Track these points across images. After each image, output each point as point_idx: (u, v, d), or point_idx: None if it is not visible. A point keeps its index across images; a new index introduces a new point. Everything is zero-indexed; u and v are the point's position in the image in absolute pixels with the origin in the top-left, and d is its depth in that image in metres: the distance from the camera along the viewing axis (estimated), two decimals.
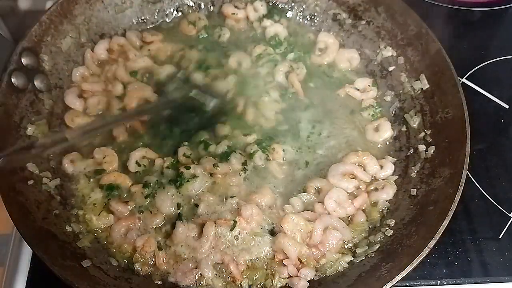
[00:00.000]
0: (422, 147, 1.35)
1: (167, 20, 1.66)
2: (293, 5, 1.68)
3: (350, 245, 1.25)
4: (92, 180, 1.31)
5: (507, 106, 1.63)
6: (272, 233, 1.25)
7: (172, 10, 1.66)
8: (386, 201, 1.31)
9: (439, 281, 1.29)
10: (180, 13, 1.67)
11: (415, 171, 1.33)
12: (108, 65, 1.51)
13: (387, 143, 1.44)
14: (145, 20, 1.63)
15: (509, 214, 1.41)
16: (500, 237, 1.37)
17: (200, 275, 1.18)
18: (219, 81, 1.50)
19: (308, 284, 1.17)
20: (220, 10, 1.67)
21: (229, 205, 1.27)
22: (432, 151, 1.33)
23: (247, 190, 1.31)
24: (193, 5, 1.68)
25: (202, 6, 1.69)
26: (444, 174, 1.24)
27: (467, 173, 1.18)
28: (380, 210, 1.30)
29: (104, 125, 1.37)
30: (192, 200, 1.28)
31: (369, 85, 1.52)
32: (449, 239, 1.35)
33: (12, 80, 1.27)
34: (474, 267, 1.32)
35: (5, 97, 1.25)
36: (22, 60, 1.30)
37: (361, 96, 1.51)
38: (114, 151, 1.34)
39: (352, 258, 1.21)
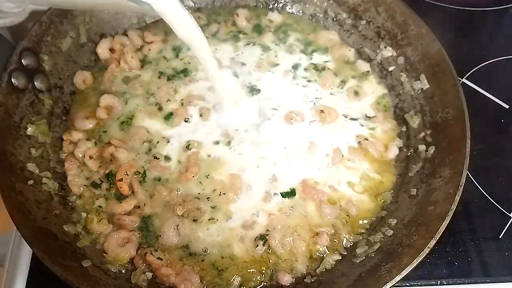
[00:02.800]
0: (422, 147, 1.36)
1: None
2: (293, 5, 1.68)
3: (349, 244, 1.26)
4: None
5: (507, 106, 1.63)
6: None
7: None
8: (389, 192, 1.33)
9: (439, 281, 1.28)
10: None
11: (415, 171, 1.33)
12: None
13: None
14: (145, 20, 1.64)
15: (509, 214, 1.40)
16: (500, 237, 1.37)
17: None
18: None
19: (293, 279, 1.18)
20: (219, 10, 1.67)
21: None
22: (432, 151, 1.33)
23: None
24: (193, 5, 1.68)
25: (203, 5, 1.69)
26: (444, 174, 1.24)
27: (467, 173, 1.18)
28: (383, 200, 1.31)
29: None
30: None
31: None
32: (449, 239, 1.34)
33: (12, 80, 1.27)
34: (474, 267, 1.31)
35: (5, 97, 1.25)
36: (22, 60, 1.30)
37: None
38: None
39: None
